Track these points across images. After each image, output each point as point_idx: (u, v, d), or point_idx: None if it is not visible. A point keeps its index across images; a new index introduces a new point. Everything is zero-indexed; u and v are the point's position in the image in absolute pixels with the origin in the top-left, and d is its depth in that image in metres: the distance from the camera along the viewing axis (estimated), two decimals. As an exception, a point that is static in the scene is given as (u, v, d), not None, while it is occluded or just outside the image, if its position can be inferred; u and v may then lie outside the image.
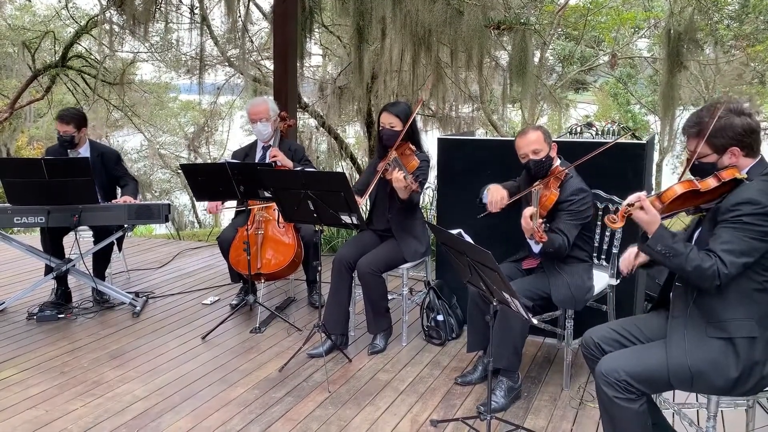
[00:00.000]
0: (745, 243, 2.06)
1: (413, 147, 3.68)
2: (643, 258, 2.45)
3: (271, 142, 4.39)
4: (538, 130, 3.13)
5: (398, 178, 3.41)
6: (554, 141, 3.20)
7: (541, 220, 2.84)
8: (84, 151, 4.48)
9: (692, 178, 2.19)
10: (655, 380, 2.19)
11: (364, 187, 3.74)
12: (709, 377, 2.14)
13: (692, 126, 2.23)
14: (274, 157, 4.21)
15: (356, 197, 3.30)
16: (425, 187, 3.67)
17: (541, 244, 2.93)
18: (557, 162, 3.16)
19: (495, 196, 3.17)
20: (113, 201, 4.39)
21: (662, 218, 2.22)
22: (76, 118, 4.41)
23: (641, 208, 2.14)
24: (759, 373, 2.14)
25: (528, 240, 2.99)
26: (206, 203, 4.41)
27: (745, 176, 2.15)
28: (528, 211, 2.84)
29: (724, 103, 2.19)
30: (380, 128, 3.72)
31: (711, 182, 2.15)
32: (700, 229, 2.28)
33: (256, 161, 4.38)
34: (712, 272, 2.06)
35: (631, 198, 2.18)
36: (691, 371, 2.14)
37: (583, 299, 3.14)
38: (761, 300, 2.14)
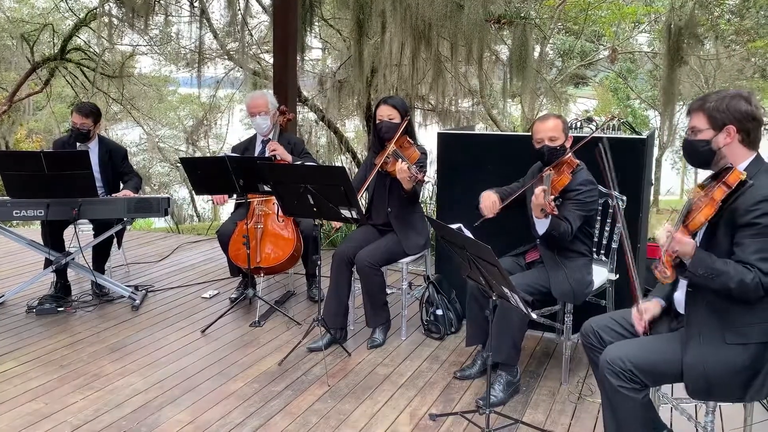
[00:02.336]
0: None
1: (410, 140, 3.67)
2: (651, 314, 2.37)
3: (270, 136, 4.38)
4: (559, 119, 3.14)
5: (402, 168, 3.40)
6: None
7: (552, 197, 2.85)
8: (93, 146, 4.51)
9: (710, 196, 2.11)
10: (660, 374, 2.19)
11: (360, 185, 3.73)
12: (726, 385, 2.13)
13: (697, 101, 2.22)
14: (273, 150, 4.20)
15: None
16: (426, 181, 3.67)
17: (548, 224, 2.94)
18: (570, 154, 3.16)
19: (486, 201, 3.22)
20: (113, 195, 4.39)
21: None
22: (94, 112, 4.49)
23: (677, 243, 2.08)
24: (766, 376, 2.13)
25: (535, 219, 3.00)
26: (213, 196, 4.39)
27: (745, 174, 2.10)
28: (539, 188, 2.85)
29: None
30: (378, 121, 3.70)
31: (722, 192, 2.09)
32: (703, 230, 2.23)
33: (256, 155, 4.37)
34: (755, 285, 2.02)
35: (663, 239, 2.12)
36: (709, 381, 2.13)
37: (582, 293, 3.15)
38: None
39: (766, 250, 2.03)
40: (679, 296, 2.35)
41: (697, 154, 2.20)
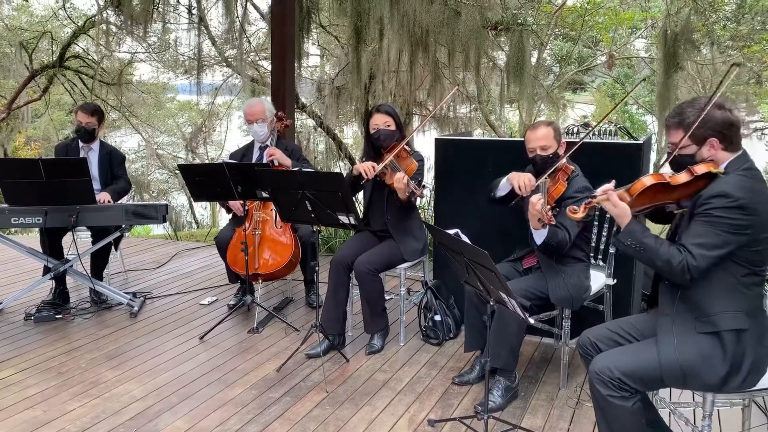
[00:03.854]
0: (716, 236, 2.08)
1: (408, 148, 3.67)
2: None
3: (268, 143, 4.39)
4: (550, 126, 3.14)
5: (400, 178, 3.41)
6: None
7: (549, 207, 2.86)
8: (95, 147, 4.55)
9: (663, 171, 2.21)
10: (648, 378, 2.20)
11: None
12: (699, 373, 2.15)
13: (673, 117, 2.25)
14: (272, 156, 4.22)
15: None
16: (423, 188, 3.68)
17: (545, 235, 2.95)
18: (564, 160, 3.16)
19: (522, 179, 3.06)
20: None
21: (637, 212, 2.24)
22: (98, 110, 4.56)
23: (608, 200, 2.18)
24: (747, 367, 2.14)
25: (532, 230, 3.00)
26: (233, 206, 4.35)
27: (722, 170, 2.16)
28: (536, 198, 2.85)
29: (707, 97, 2.21)
30: (373, 130, 3.69)
31: (682, 177, 2.17)
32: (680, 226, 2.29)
33: (254, 161, 4.38)
34: (681, 267, 2.09)
35: (598, 190, 2.23)
36: (682, 368, 2.15)
37: (580, 299, 3.15)
38: (748, 292, 2.15)
39: (704, 236, 2.09)
40: None
41: (679, 165, 2.24)
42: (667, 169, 2.31)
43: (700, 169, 2.15)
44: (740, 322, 2.13)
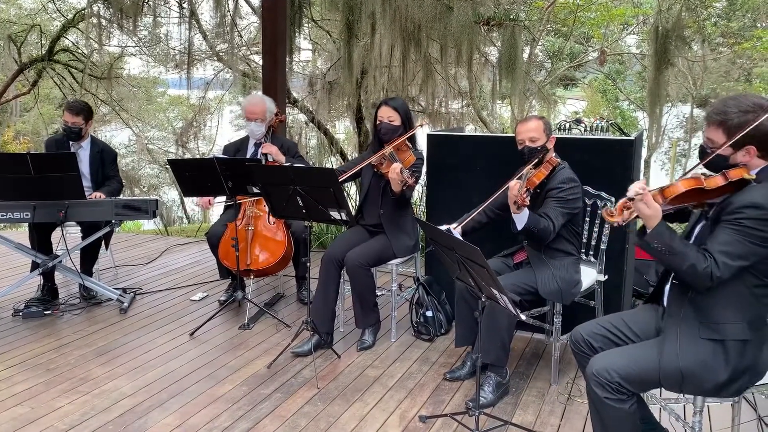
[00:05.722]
0: (743, 247, 2.03)
1: (409, 143, 3.67)
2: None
3: (263, 140, 4.37)
4: (540, 120, 3.18)
5: (395, 168, 3.41)
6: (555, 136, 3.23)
7: (525, 188, 2.86)
8: (86, 145, 4.50)
9: (699, 174, 2.13)
10: (646, 380, 2.19)
11: (346, 169, 3.77)
12: (698, 379, 2.14)
13: (717, 113, 2.15)
14: (266, 152, 4.20)
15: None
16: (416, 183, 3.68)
17: (525, 220, 2.94)
18: (553, 154, 3.17)
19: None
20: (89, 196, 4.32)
21: (664, 212, 2.19)
22: (85, 109, 4.46)
23: (642, 201, 2.10)
24: (747, 377, 2.14)
25: (513, 215, 2.99)
26: (196, 198, 4.36)
27: (754, 177, 2.11)
28: (514, 182, 2.86)
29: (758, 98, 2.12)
30: (378, 122, 3.70)
31: (718, 180, 2.10)
32: (701, 224, 2.26)
33: (248, 157, 4.36)
34: (706, 274, 2.05)
35: (632, 190, 2.12)
36: (682, 373, 2.14)
37: (570, 293, 3.16)
38: (757, 303, 2.13)
39: (731, 245, 2.05)
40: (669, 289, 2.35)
41: (711, 165, 2.19)
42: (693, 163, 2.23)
43: (735, 174, 2.09)
44: (744, 332, 2.11)
